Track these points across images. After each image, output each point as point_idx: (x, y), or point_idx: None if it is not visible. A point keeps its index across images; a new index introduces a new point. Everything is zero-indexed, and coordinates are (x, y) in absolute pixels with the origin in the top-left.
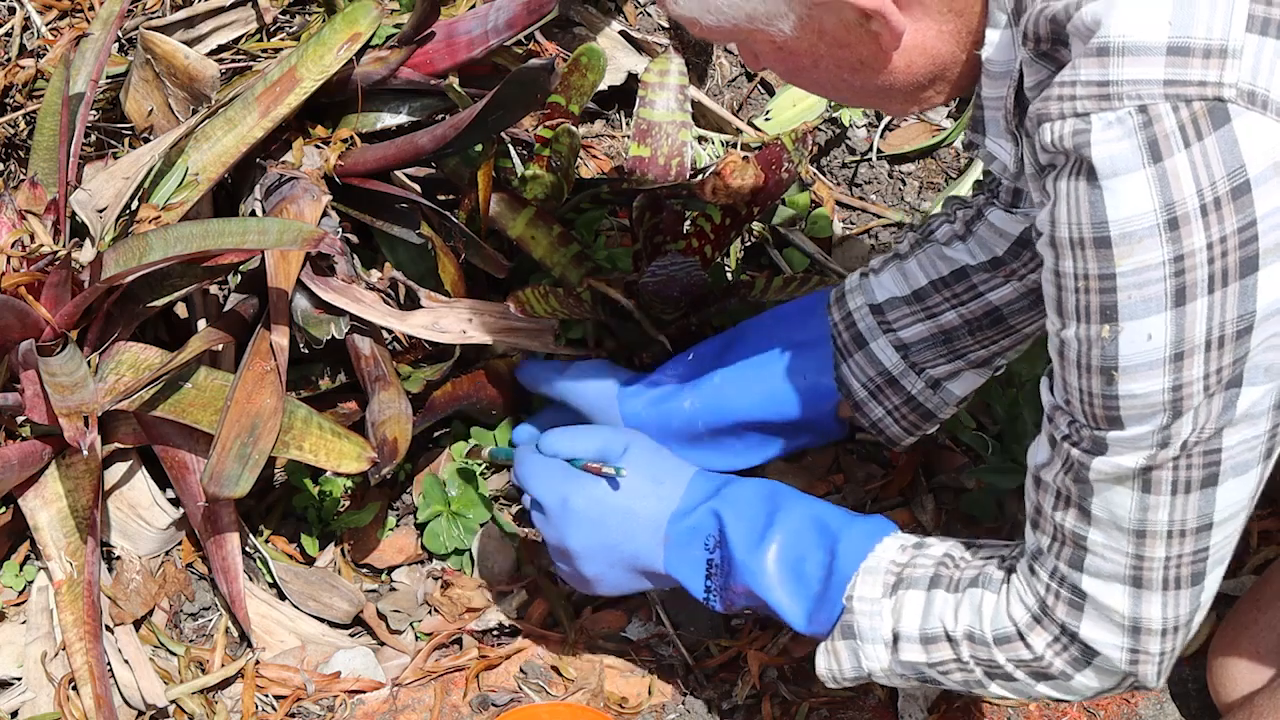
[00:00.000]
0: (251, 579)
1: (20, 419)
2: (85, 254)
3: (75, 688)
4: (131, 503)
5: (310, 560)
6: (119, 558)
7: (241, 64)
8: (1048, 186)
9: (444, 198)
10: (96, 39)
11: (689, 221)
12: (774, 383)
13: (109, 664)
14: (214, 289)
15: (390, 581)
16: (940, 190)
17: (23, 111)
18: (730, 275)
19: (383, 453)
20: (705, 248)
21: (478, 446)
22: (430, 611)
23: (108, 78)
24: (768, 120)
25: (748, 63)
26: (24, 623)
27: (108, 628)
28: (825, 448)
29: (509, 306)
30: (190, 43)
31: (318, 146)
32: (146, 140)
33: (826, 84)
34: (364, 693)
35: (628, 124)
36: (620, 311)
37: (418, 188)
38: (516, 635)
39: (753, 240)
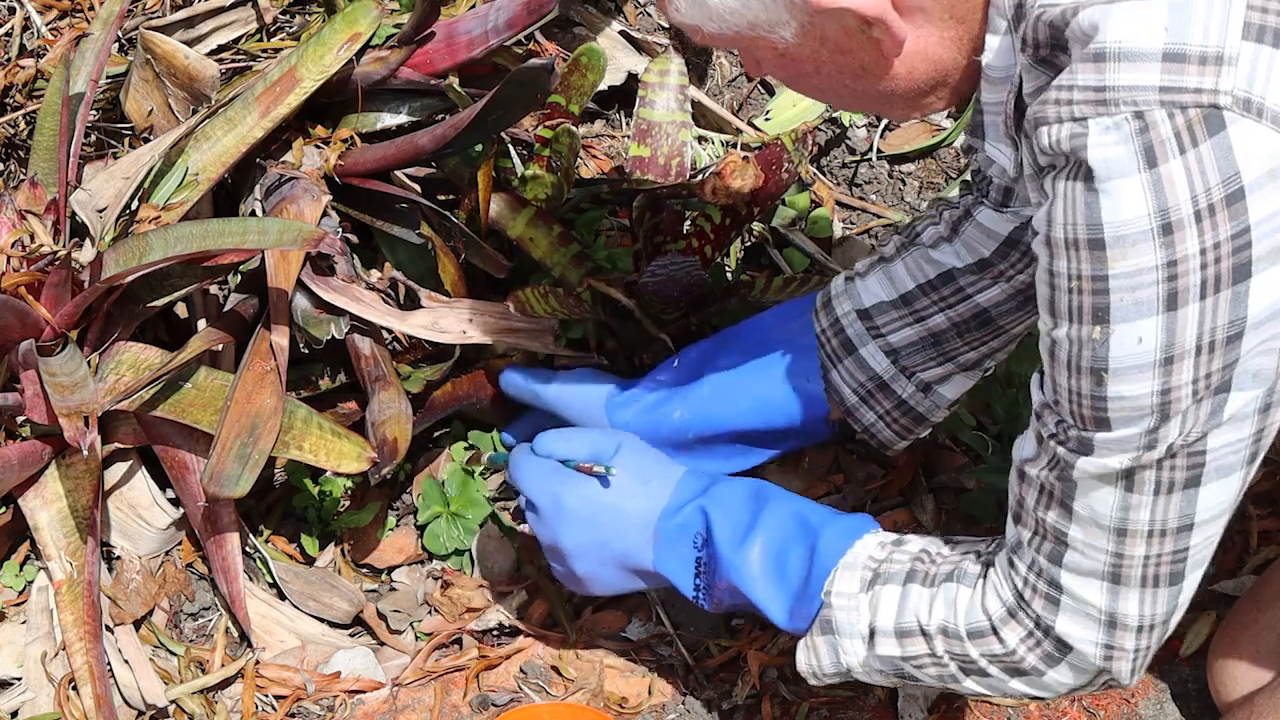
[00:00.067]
0: (251, 579)
1: (20, 419)
2: (85, 254)
3: (75, 688)
4: (131, 503)
5: (310, 560)
6: (119, 558)
7: (241, 64)
8: (1046, 186)
9: (444, 198)
10: (96, 39)
11: (689, 221)
12: (763, 391)
13: (109, 664)
14: (214, 289)
15: (390, 581)
16: (940, 190)
17: (23, 111)
18: (730, 275)
19: (383, 453)
20: (705, 248)
21: (477, 453)
22: (430, 611)
23: (108, 78)
24: (768, 120)
25: (750, 69)
26: (24, 623)
27: (108, 628)
28: (825, 448)
29: (509, 306)
30: (190, 43)
31: (318, 146)
32: (146, 140)
33: (828, 90)
34: (364, 693)
35: (628, 124)
36: (620, 311)
37: (418, 188)
38: (516, 635)
39: (753, 240)
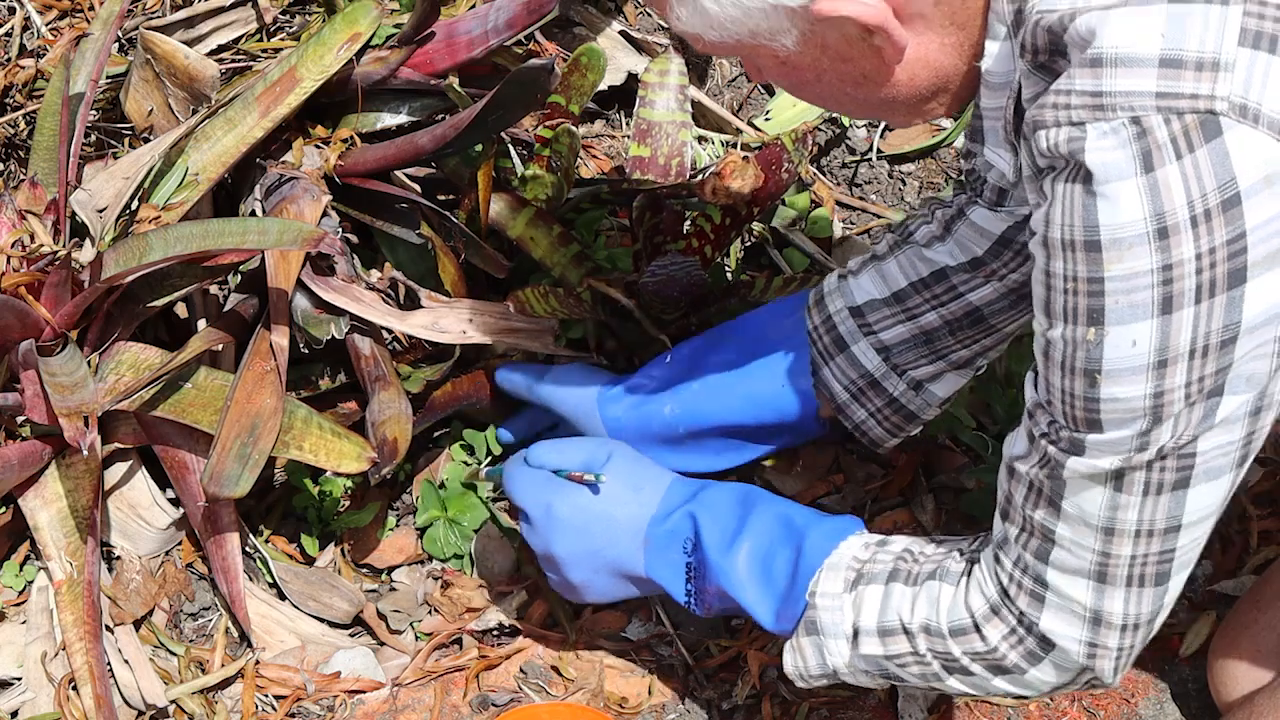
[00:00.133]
0: (251, 579)
1: (20, 419)
2: (85, 254)
3: (75, 688)
4: (131, 503)
5: (310, 560)
6: (119, 558)
7: (241, 64)
8: (1045, 187)
9: (444, 198)
10: (96, 39)
11: (689, 221)
12: (753, 387)
13: (109, 664)
14: (214, 289)
15: (390, 581)
16: (940, 190)
17: (23, 111)
18: (730, 275)
19: (383, 453)
20: (705, 248)
21: (474, 469)
22: (430, 611)
23: (108, 78)
24: (768, 120)
25: (751, 75)
26: (24, 623)
27: (108, 628)
28: (824, 448)
29: (509, 306)
30: (190, 43)
31: (318, 146)
32: (146, 140)
33: (830, 97)
34: (364, 693)
35: (628, 124)
36: (620, 311)
37: (418, 188)
38: (516, 635)
39: (753, 240)
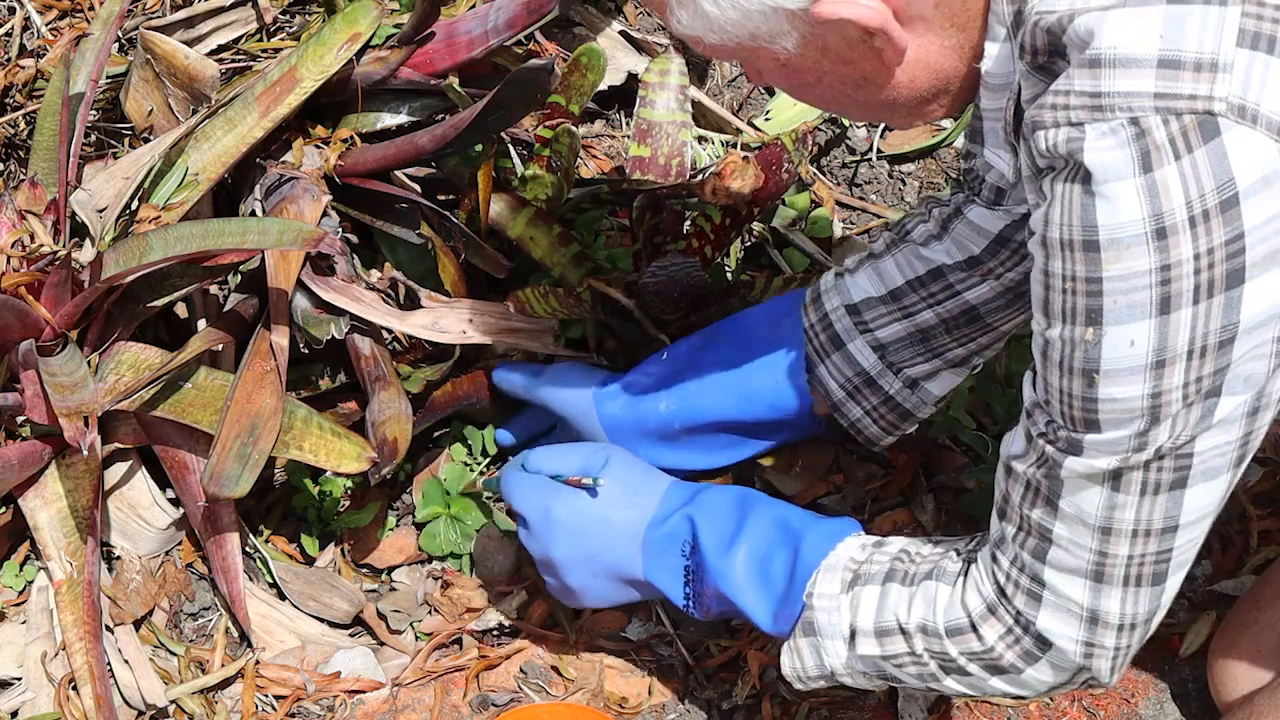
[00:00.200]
0: (251, 579)
1: (20, 419)
2: (85, 254)
3: (75, 688)
4: (131, 503)
5: (310, 560)
6: (119, 558)
7: (241, 64)
8: (1044, 187)
9: (444, 198)
10: (96, 39)
11: (689, 221)
12: (748, 383)
13: (109, 664)
14: (214, 289)
15: (390, 581)
16: (940, 190)
17: (23, 111)
18: (730, 275)
19: (383, 453)
20: (705, 248)
21: (471, 480)
22: (430, 611)
23: (108, 78)
24: (768, 120)
25: (751, 78)
26: (24, 623)
27: (108, 628)
28: (825, 448)
29: (509, 306)
30: (190, 43)
31: (318, 146)
32: (146, 140)
33: (830, 99)
34: (364, 693)
35: (628, 124)
36: (620, 311)
37: (418, 188)
38: (516, 635)
39: (753, 240)
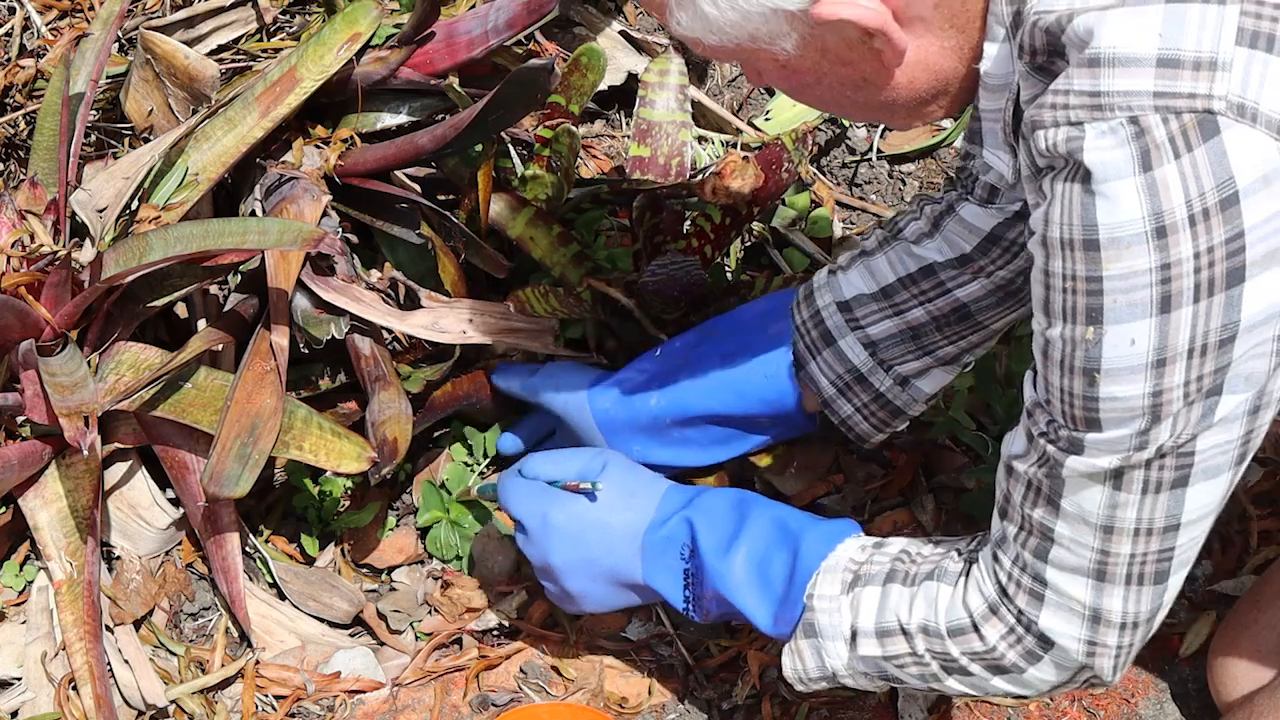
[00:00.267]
0: (251, 579)
1: (20, 419)
2: (85, 254)
3: (75, 688)
4: (131, 503)
5: (310, 560)
6: (119, 558)
7: (241, 64)
8: (1044, 186)
9: (444, 198)
10: (96, 39)
11: (689, 221)
12: (739, 378)
13: (109, 664)
14: (214, 289)
15: (390, 581)
16: (939, 190)
17: (23, 111)
18: (730, 275)
19: (383, 453)
20: (705, 248)
21: (466, 488)
22: (430, 611)
23: (108, 78)
24: (768, 120)
25: (751, 79)
26: (24, 623)
27: (108, 628)
28: (825, 448)
29: (509, 306)
30: (190, 43)
31: (318, 146)
32: (146, 140)
33: (830, 100)
34: (364, 693)
35: (628, 124)
36: (620, 311)
37: (418, 188)
38: (516, 635)
39: (753, 240)
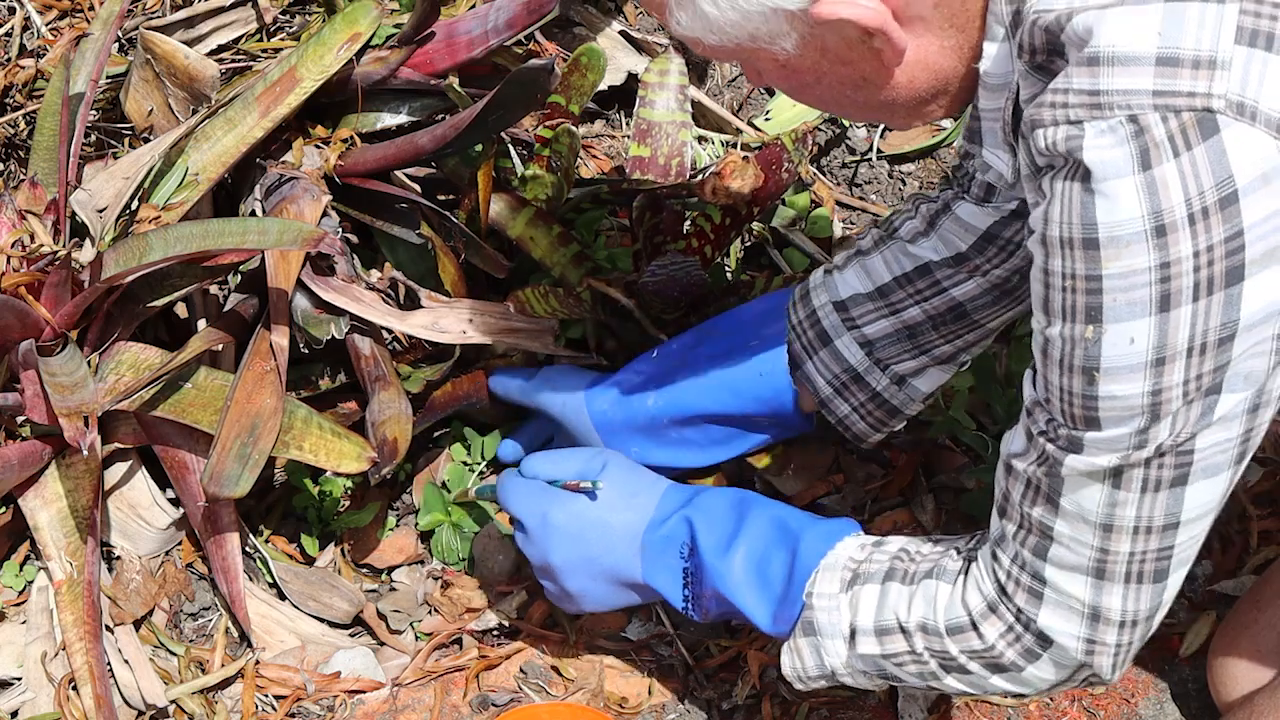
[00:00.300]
0: (251, 579)
1: (20, 419)
2: (85, 254)
3: (75, 688)
4: (131, 503)
5: (310, 560)
6: (119, 558)
7: (241, 64)
8: (1044, 185)
9: (444, 198)
10: (96, 39)
11: (689, 221)
12: (736, 379)
13: (109, 664)
14: (214, 289)
15: (390, 581)
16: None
17: (23, 111)
18: (730, 275)
19: (383, 452)
20: (705, 248)
21: (463, 490)
22: (430, 611)
23: (108, 78)
24: (768, 120)
25: (750, 79)
26: (24, 623)
27: (108, 628)
28: (825, 448)
29: (509, 306)
30: (190, 43)
31: (318, 146)
32: (146, 140)
33: (829, 100)
34: (364, 693)
35: (628, 124)
36: (620, 311)
37: (418, 188)
38: (516, 635)
39: (753, 240)
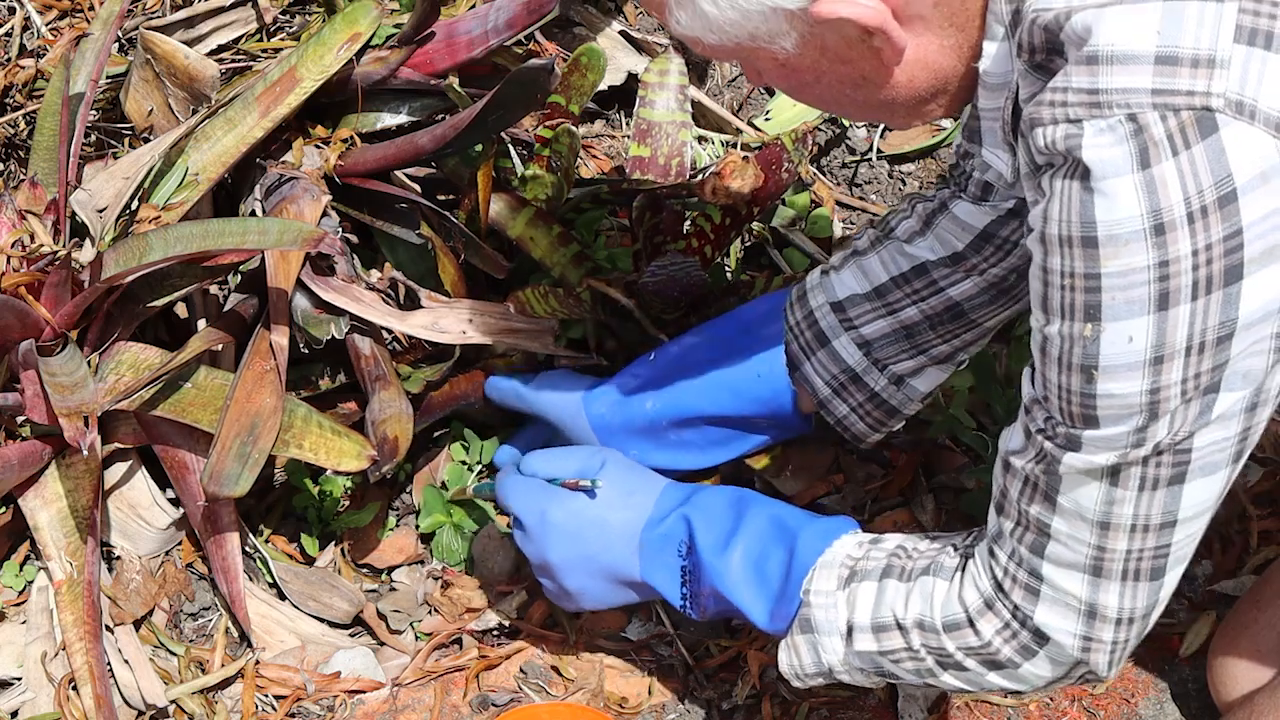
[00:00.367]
0: (251, 579)
1: (20, 419)
2: (85, 254)
3: (75, 688)
4: (131, 503)
5: (310, 560)
6: (119, 558)
7: (241, 64)
8: (1043, 184)
9: (444, 198)
10: (96, 39)
11: (689, 221)
12: (735, 380)
13: (109, 664)
14: (214, 289)
15: (390, 581)
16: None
17: (23, 111)
18: (730, 275)
19: (383, 451)
20: (705, 248)
21: (462, 487)
22: (430, 611)
23: (108, 78)
24: (768, 120)
25: (750, 79)
26: (24, 623)
27: (108, 628)
28: (825, 448)
29: (509, 306)
30: (190, 43)
31: (318, 146)
32: (146, 140)
33: (829, 99)
34: (364, 693)
35: (628, 124)
36: (620, 311)
37: (418, 188)
38: (516, 635)
39: (753, 240)
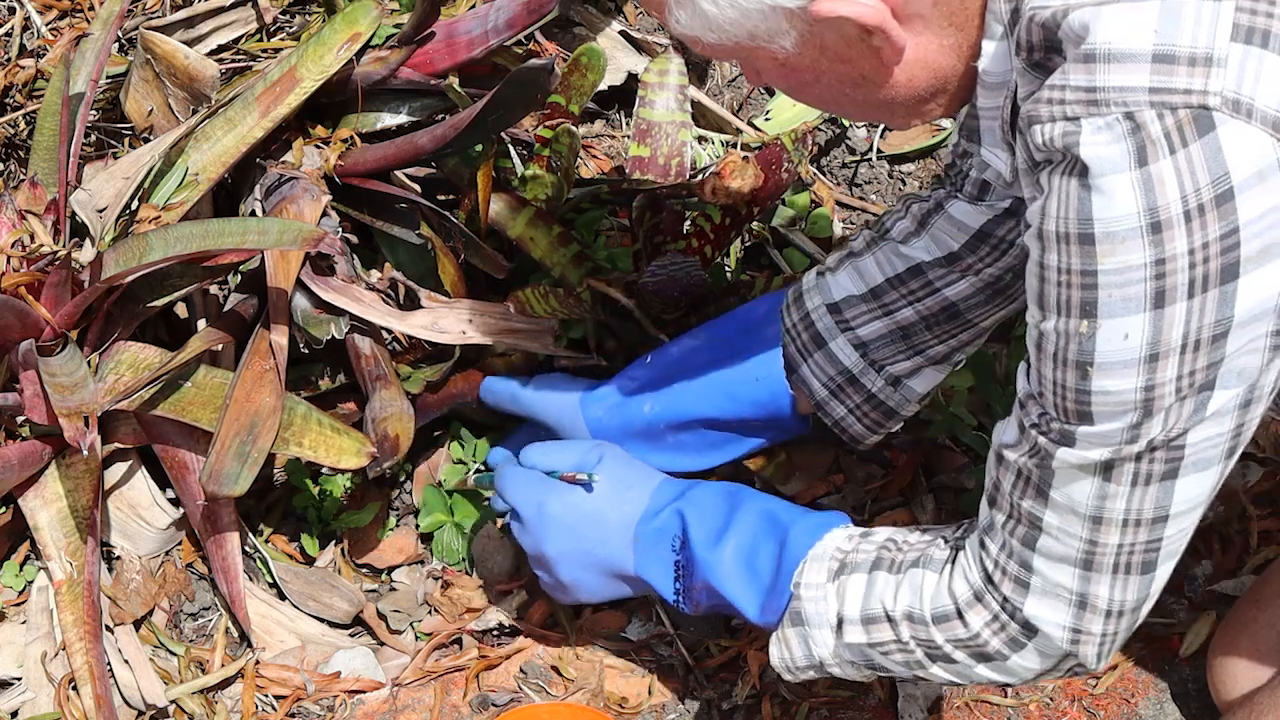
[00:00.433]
0: (251, 579)
1: (20, 419)
2: (85, 254)
3: (75, 688)
4: (131, 503)
5: (310, 560)
6: (119, 558)
7: (241, 64)
8: (1041, 180)
9: (444, 198)
10: (96, 39)
11: (689, 221)
12: (732, 382)
13: (109, 664)
14: (214, 289)
15: (390, 581)
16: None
17: (23, 111)
18: (730, 275)
19: (383, 448)
20: (705, 248)
21: (462, 479)
22: (430, 611)
23: (108, 78)
24: (768, 120)
25: (750, 78)
26: (24, 623)
27: (108, 628)
28: (824, 448)
29: (509, 306)
30: (190, 43)
31: (318, 146)
32: (146, 140)
33: (829, 98)
34: (364, 693)
35: (628, 124)
36: (620, 311)
37: (418, 188)
38: (516, 635)
39: (753, 240)
